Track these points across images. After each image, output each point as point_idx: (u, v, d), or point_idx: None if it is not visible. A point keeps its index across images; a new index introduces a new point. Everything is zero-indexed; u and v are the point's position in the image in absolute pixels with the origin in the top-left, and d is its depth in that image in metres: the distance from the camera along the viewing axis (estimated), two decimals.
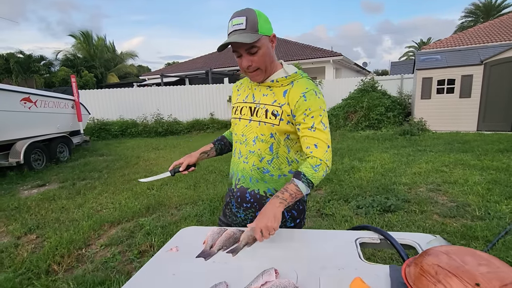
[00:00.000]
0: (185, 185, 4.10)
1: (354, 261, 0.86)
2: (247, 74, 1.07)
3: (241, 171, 1.13)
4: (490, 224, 2.52)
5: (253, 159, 1.09)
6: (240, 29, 0.95)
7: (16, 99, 5.11)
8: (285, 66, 1.09)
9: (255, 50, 0.98)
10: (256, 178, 1.10)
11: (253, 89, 1.13)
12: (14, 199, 3.87)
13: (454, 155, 4.98)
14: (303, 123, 1.01)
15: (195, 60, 17.57)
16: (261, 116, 1.07)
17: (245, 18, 0.95)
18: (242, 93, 1.18)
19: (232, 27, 0.97)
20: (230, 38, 0.96)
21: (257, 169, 1.09)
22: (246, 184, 1.12)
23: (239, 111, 1.14)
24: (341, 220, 2.79)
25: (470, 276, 0.57)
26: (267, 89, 1.08)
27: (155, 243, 2.50)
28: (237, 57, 1.02)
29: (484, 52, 7.35)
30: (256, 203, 1.12)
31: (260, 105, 1.08)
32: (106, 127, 9.99)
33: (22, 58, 19.33)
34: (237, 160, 1.16)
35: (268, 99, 1.07)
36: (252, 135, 1.09)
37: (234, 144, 1.18)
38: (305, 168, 0.98)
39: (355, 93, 9.40)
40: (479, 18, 22.08)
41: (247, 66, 1.01)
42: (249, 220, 1.16)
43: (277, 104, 1.04)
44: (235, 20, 0.96)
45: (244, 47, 0.97)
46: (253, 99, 1.11)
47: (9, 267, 2.25)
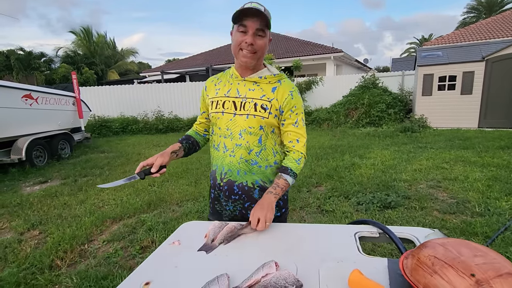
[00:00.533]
0: (186, 182, 4.12)
1: (353, 254, 0.88)
2: (242, 53, 1.05)
3: (227, 165, 1.15)
4: (489, 220, 2.54)
5: (241, 152, 1.12)
6: (258, 9, 0.99)
7: (17, 96, 5.13)
8: (269, 67, 1.16)
9: (262, 35, 1.03)
10: (244, 170, 1.14)
11: (236, 84, 1.13)
12: (17, 196, 3.90)
13: (454, 152, 4.98)
14: (288, 119, 1.11)
15: (196, 57, 17.54)
16: (249, 110, 1.09)
17: (263, 7, 1.02)
18: (221, 87, 1.17)
19: (250, 4, 1.00)
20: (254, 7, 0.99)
21: (245, 162, 1.13)
22: (233, 177, 1.15)
23: (221, 105, 1.14)
24: (341, 216, 2.80)
25: (466, 267, 0.58)
26: (253, 85, 1.11)
27: (156, 239, 2.52)
28: (241, 31, 1.02)
29: (486, 48, 7.31)
30: (244, 195, 1.16)
31: (247, 99, 1.10)
32: (107, 124, 10.01)
33: (23, 55, 19.33)
34: (222, 155, 1.16)
35: (255, 93, 1.10)
36: (238, 129, 1.11)
37: (217, 139, 1.17)
38: (290, 163, 1.11)
39: (356, 90, 9.38)
40: (482, 14, 21.92)
41: (251, 42, 1.02)
42: (238, 211, 1.20)
43: (265, 98, 1.09)
44: (255, 4, 1.01)
45: (258, 26, 1.01)
46: (238, 94, 1.12)
47: (13, 262, 2.28)
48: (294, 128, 1.12)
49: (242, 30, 1.02)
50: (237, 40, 1.04)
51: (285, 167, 1.10)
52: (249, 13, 0.98)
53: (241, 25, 1.01)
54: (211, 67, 12.24)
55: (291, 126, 1.12)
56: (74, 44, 21.75)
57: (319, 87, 10.18)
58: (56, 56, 21.35)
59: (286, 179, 1.08)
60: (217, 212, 1.27)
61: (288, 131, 1.12)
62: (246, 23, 1.01)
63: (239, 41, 1.04)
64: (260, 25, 1.01)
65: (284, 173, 1.09)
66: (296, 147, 1.12)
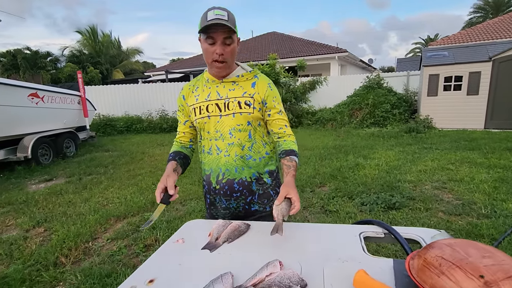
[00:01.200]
0: (189, 181, 4.13)
1: (358, 254, 0.87)
2: (213, 65, 1.08)
3: (224, 165, 1.18)
4: (496, 222, 2.50)
5: (234, 149, 1.16)
6: (223, 19, 1.01)
7: (23, 94, 5.18)
8: (242, 65, 1.21)
9: (230, 42, 1.06)
10: (242, 166, 1.18)
11: (215, 87, 1.16)
12: (22, 193, 3.94)
13: (460, 153, 4.93)
14: (273, 109, 1.18)
15: (200, 57, 17.55)
16: (234, 108, 1.13)
17: (227, 13, 1.03)
18: (200, 93, 1.18)
19: (215, 15, 1.00)
20: (218, 21, 0.99)
21: (241, 158, 1.17)
22: (232, 175, 1.18)
23: (205, 109, 1.16)
24: (345, 216, 2.79)
25: (474, 268, 0.57)
26: (232, 85, 1.15)
27: (160, 237, 2.53)
28: (210, 44, 1.05)
29: (493, 49, 7.22)
30: (245, 189, 1.20)
31: (230, 99, 1.14)
32: (112, 123, 10.08)
33: (29, 54, 19.57)
34: (216, 157, 1.19)
35: (236, 92, 1.14)
36: (227, 128, 1.14)
37: (208, 143, 1.20)
38: (292, 146, 1.18)
39: (360, 90, 9.32)
40: (489, 14, 21.67)
41: (220, 53, 1.04)
42: (241, 207, 1.22)
43: (247, 95, 1.14)
44: (218, 11, 1.01)
45: (224, 34, 1.03)
46: (219, 96, 1.15)
47: (18, 259, 2.30)
48: (280, 116, 1.19)
49: (210, 42, 1.05)
50: (207, 52, 1.07)
51: (291, 149, 1.16)
52: (214, 25, 1.00)
53: (208, 36, 1.04)
54: None
55: (277, 114, 1.19)
56: (79, 44, 21.97)
57: (323, 87, 10.14)
58: (62, 56, 21.60)
59: (295, 160, 1.14)
60: (213, 217, 1.29)
61: (275, 119, 1.19)
62: (212, 35, 1.03)
63: (210, 52, 1.06)
64: (226, 34, 1.03)
65: (293, 155, 1.15)
66: (287, 132, 1.20)
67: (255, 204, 1.22)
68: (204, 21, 1.02)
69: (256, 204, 1.23)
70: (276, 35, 17.36)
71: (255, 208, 1.23)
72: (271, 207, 1.23)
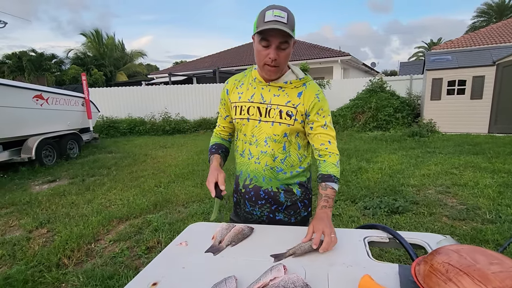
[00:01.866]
0: (192, 183, 4.13)
1: (362, 259, 0.86)
2: (265, 68, 1.02)
3: (252, 172, 1.14)
4: (501, 227, 2.48)
5: (266, 159, 1.11)
6: (282, 21, 0.93)
7: (28, 96, 5.23)
8: (294, 68, 1.11)
9: (285, 47, 0.98)
10: (270, 177, 1.13)
11: (260, 88, 1.09)
12: (26, 194, 3.96)
13: (464, 157, 4.89)
14: (316, 122, 1.08)
15: (203, 59, 17.66)
16: (275, 117, 1.07)
17: (287, 14, 0.95)
18: (244, 91, 1.12)
19: (274, 17, 0.93)
20: (275, 25, 0.92)
21: (270, 169, 1.12)
22: (259, 183, 1.14)
23: (246, 111, 1.10)
24: (348, 220, 2.77)
25: (482, 275, 0.57)
26: (278, 90, 1.08)
27: (162, 240, 2.53)
28: (264, 46, 0.97)
29: (497, 53, 7.19)
30: (270, 199, 1.15)
31: (272, 105, 1.07)
32: (115, 124, 10.13)
33: (34, 57, 19.76)
34: (247, 161, 1.15)
35: (280, 99, 1.07)
36: (263, 136, 1.09)
37: (242, 145, 1.16)
38: (331, 169, 1.07)
39: (363, 94, 9.31)
40: (492, 18, 21.62)
41: (274, 58, 0.97)
42: (265, 216, 1.18)
43: (291, 105, 1.06)
44: (277, 12, 0.94)
45: (280, 39, 0.95)
46: (262, 99, 1.08)
47: (21, 259, 2.31)
48: (324, 130, 1.08)
49: (264, 44, 0.97)
50: (260, 54, 1.00)
51: (328, 174, 1.06)
52: (278, 27, 0.92)
53: (263, 39, 0.96)
54: (218, 70, 12.32)
55: (320, 128, 1.08)
56: (84, 46, 22.17)
57: (326, 90, 10.12)
58: (66, 58, 21.80)
59: (332, 187, 1.04)
60: (238, 215, 1.27)
61: (318, 133, 1.09)
62: (268, 38, 0.96)
63: (262, 55, 0.99)
64: (283, 38, 0.96)
65: (329, 182, 1.05)
66: (329, 149, 1.09)
67: (280, 213, 1.17)
68: (261, 21, 0.95)
69: (282, 213, 1.18)
70: None
71: (279, 218, 1.18)
72: (296, 218, 1.19)
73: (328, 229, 0.92)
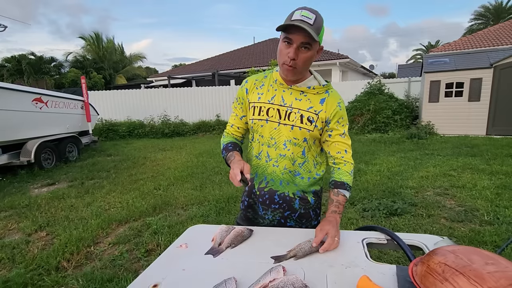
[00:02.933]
0: (191, 186, 4.13)
1: (361, 260, 0.87)
2: (283, 67, 1.01)
3: (269, 174, 1.13)
4: (499, 229, 2.49)
5: (285, 162, 1.10)
6: (308, 22, 0.92)
7: (28, 99, 5.24)
8: (316, 75, 1.11)
9: (307, 49, 0.97)
10: (287, 181, 1.12)
11: (281, 91, 1.08)
12: (25, 197, 3.95)
13: (462, 159, 4.92)
14: (335, 130, 1.09)
15: (202, 62, 17.72)
16: (295, 121, 1.06)
17: (315, 17, 0.94)
18: (265, 92, 1.11)
19: (301, 17, 0.92)
20: (300, 23, 0.91)
21: (289, 172, 1.12)
22: (275, 186, 1.14)
23: (265, 112, 1.08)
24: (347, 222, 2.78)
25: (477, 275, 0.58)
26: (300, 94, 1.07)
27: (162, 242, 2.53)
28: (286, 43, 0.97)
29: (494, 55, 7.25)
30: (285, 204, 1.15)
31: (293, 109, 1.06)
32: (114, 127, 10.13)
33: (34, 60, 19.79)
34: (264, 163, 1.13)
35: (302, 104, 1.06)
36: (283, 138, 1.08)
37: (259, 147, 1.13)
38: (344, 177, 1.09)
39: (362, 96, 9.34)
40: (489, 20, 21.78)
41: (293, 57, 0.96)
42: (277, 220, 1.17)
43: (313, 111, 1.06)
44: (305, 13, 0.93)
45: (303, 39, 0.94)
46: (283, 102, 1.07)
47: (20, 263, 2.30)
48: (342, 139, 1.10)
49: (286, 41, 0.97)
50: (281, 52, 0.99)
51: (341, 182, 1.08)
52: (294, 26, 0.92)
53: (286, 36, 0.96)
54: (217, 73, 12.36)
55: (338, 136, 1.09)
56: (83, 49, 22.20)
57: None
58: (65, 61, 21.82)
59: (344, 194, 1.06)
60: (248, 219, 1.25)
61: (335, 141, 1.09)
62: (290, 36, 0.95)
63: (283, 53, 0.98)
64: (305, 39, 0.94)
65: (342, 189, 1.07)
66: (345, 158, 1.10)
67: (292, 220, 1.17)
68: (287, 19, 0.95)
69: (293, 221, 1.17)
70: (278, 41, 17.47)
71: (290, 224, 1.18)
72: (307, 227, 1.19)
73: (333, 232, 0.94)
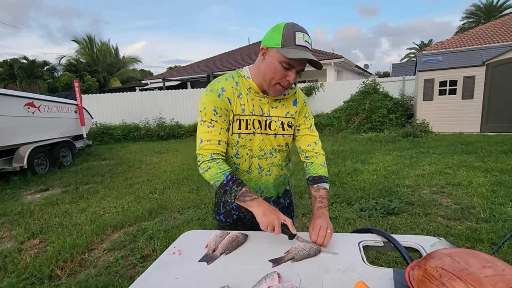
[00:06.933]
0: (187, 189, 4.10)
1: (357, 265, 0.86)
2: (276, 87, 0.99)
3: (263, 184, 1.15)
4: (495, 226, 2.50)
5: (275, 169, 1.15)
6: (309, 48, 0.96)
7: (19, 104, 5.16)
8: None
9: (302, 72, 1.01)
10: (279, 184, 1.19)
11: (258, 100, 1.05)
12: (18, 204, 3.88)
13: (457, 157, 4.95)
14: (303, 124, 1.15)
15: (197, 64, 17.65)
16: (277, 129, 1.09)
17: (310, 39, 0.97)
18: (245, 103, 1.04)
19: (305, 43, 0.93)
20: (308, 54, 0.93)
21: (280, 177, 1.17)
22: (269, 193, 1.18)
23: (252, 124, 1.05)
24: (344, 223, 2.77)
25: (475, 279, 0.57)
26: (275, 102, 1.08)
27: (157, 247, 2.49)
28: (286, 69, 0.95)
29: (486, 53, 7.32)
30: (277, 205, 1.20)
31: (272, 117, 1.07)
32: (109, 131, 10.04)
33: (26, 64, 19.57)
34: (256, 175, 1.12)
35: (279, 111, 1.09)
36: (268, 148, 1.11)
37: (249, 161, 1.09)
38: (320, 170, 1.13)
39: (357, 95, 9.39)
40: (481, 19, 22.03)
41: (293, 81, 0.98)
42: None
43: (289, 115, 1.11)
44: (307, 37, 0.94)
45: (303, 66, 0.97)
46: (261, 112, 1.06)
47: (13, 272, 2.25)
48: (310, 132, 1.15)
49: (286, 66, 0.94)
50: (277, 72, 0.96)
51: (318, 176, 1.11)
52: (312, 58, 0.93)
53: (288, 63, 0.94)
54: (212, 74, 12.32)
55: (306, 130, 1.14)
56: (77, 53, 22.02)
57: (320, 92, 10.20)
58: (59, 65, 21.61)
59: (324, 187, 1.10)
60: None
61: (304, 135, 1.14)
62: (294, 64, 0.95)
63: (279, 75, 0.96)
64: (305, 65, 0.98)
65: (320, 183, 1.10)
66: (316, 149, 1.15)
67: (285, 213, 1.21)
68: (290, 42, 0.91)
69: (286, 213, 1.24)
70: None
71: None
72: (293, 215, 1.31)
73: (324, 224, 0.98)
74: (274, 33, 0.94)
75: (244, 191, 0.98)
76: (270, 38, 0.95)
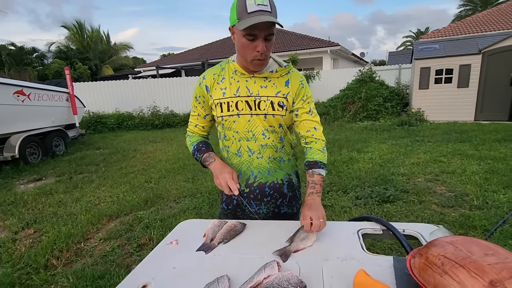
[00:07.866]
0: (183, 178, 4.08)
1: (356, 253, 0.85)
2: (253, 62, 0.97)
3: (256, 168, 1.11)
4: (488, 213, 2.54)
5: (268, 151, 1.10)
6: (266, 10, 0.88)
7: (8, 92, 5.01)
8: (275, 58, 1.09)
9: (271, 37, 0.94)
10: (274, 168, 1.13)
11: (244, 81, 1.04)
12: (10, 194, 3.83)
13: (452, 145, 4.99)
14: (301, 108, 1.08)
15: (191, 51, 17.33)
16: (266, 109, 1.04)
17: (269, 5, 0.89)
18: (227, 86, 1.05)
19: (257, 6, 0.87)
20: (262, 18, 0.86)
21: (274, 160, 1.12)
22: (264, 179, 1.12)
23: (234, 106, 1.04)
24: (340, 211, 2.79)
25: (478, 267, 0.56)
26: (264, 81, 1.04)
27: (154, 236, 2.49)
28: (250, 40, 0.91)
29: (483, 41, 7.29)
30: (276, 193, 1.15)
31: (261, 97, 1.03)
32: (102, 120, 9.88)
33: (14, 51, 19.00)
34: (247, 158, 1.10)
35: (269, 90, 1.04)
36: (260, 129, 1.06)
37: (236, 144, 1.09)
38: (317, 155, 1.07)
39: (353, 84, 9.34)
40: (477, 7, 21.88)
41: (263, 51, 0.92)
42: (271, 212, 1.16)
43: (281, 95, 1.04)
44: (260, 0, 0.88)
45: (267, 31, 0.91)
46: (249, 92, 1.03)
47: (7, 262, 2.23)
48: (309, 117, 1.09)
49: (249, 38, 0.91)
50: (246, 48, 0.94)
51: (314, 161, 1.06)
52: (267, 19, 0.87)
53: (250, 33, 0.90)
54: (207, 62, 12.10)
55: (305, 115, 1.08)
56: (67, 39, 21.39)
57: (316, 81, 10.12)
58: (48, 52, 21.06)
59: (319, 173, 1.05)
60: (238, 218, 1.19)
61: (303, 120, 1.09)
62: (255, 32, 0.89)
63: (249, 49, 0.93)
64: (270, 30, 0.91)
65: (315, 168, 1.05)
66: (315, 135, 1.09)
67: (285, 207, 1.18)
68: (242, 12, 0.88)
69: (286, 206, 1.19)
70: None
71: (284, 211, 1.18)
72: (297, 208, 1.22)
73: (315, 214, 0.93)
74: (231, 11, 0.93)
75: (205, 156, 1.10)
76: (230, 16, 0.94)
